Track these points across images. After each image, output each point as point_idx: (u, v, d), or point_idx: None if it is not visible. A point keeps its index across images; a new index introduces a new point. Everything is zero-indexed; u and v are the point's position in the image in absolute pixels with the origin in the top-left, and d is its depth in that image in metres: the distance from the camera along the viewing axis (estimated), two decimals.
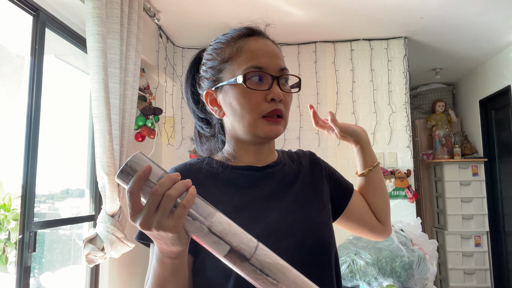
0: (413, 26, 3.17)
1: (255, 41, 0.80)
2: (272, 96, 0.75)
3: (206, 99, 0.83)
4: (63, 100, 2.50)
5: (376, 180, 1.02)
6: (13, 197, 2.30)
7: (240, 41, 0.79)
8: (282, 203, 0.79)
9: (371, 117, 3.41)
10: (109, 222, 2.08)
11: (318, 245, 0.77)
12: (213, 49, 0.83)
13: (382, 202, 1.00)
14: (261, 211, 0.76)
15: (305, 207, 0.81)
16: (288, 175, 0.85)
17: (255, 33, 0.81)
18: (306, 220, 0.78)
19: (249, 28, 0.82)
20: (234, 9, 2.85)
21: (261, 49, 0.78)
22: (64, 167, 2.48)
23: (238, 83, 0.76)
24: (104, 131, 1.97)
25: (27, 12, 1.94)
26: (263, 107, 0.76)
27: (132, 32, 2.29)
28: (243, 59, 0.77)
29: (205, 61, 0.84)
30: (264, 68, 0.76)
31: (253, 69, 0.76)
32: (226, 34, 0.83)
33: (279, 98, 0.75)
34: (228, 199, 0.76)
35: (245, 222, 0.63)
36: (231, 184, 0.79)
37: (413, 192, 3.32)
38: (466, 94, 4.60)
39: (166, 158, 3.52)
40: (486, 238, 4.01)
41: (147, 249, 0.77)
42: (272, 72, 0.77)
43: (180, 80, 3.57)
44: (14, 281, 1.81)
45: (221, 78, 0.79)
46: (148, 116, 2.76)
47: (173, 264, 0.61)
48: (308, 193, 0.84)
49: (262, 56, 0.77)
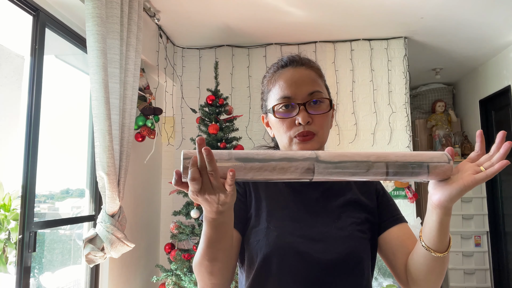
0: (413, 26, 3.17)
1: (287, 71, 0.92)
2: (299, 121, 0.87)
3: (263, 120, 0.99)
4: (63, 100, 2.50)
5: (439, 265, 0.81)
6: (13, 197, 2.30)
7: (277, 73, 0.94)
8: (321, 211, 0.90)
9: (371, 117, 3.41)
10: (109, 222, 2.08)
11: (347, 255, 0.85)
12: (264, 78, 0.99)
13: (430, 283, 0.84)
14: (299, 214, 0.89)
15: (342, 219, 0.89)
16: (333, 187, 0.94)
17: (289, 63, 0.94)
18: (339, 230, 0.87)
19: (285, 60, 0.95)
20: (234, 9, 2.85)
21: (291, 79, 0.90)
22: (64, 167, 2.48)
23: (270, 112, 0.91)
24: (104, 131, 1.97)
25: (27, 12, 1.94)
26: (293, 130, 0.88)
27: (132, 32, 2.29)
28: (276, 90, 0.91)
29: (261, 89, 1.00)
30: (292, 97, 0.88)
31: (282, 99, 0.89)
32: (272, 65, 0.98)
33: (304, 122, 0.86)
34: (273, 198, 0.92)
35: (283, 219, 0.79)
36: (279, 187, 0.94)
37: (413, 192, 3.32)
38: (466, 94, 4.60)
39: (166, 158, 3.52)
40: (486, 238, 4.01)
41: (147, 249, 0.78)
42: (299, 98, 0.88)
43: (180, 80, 3.57)
44: (14, 281, 1.81)
45: (266, 106, 0.96)
46: (148, 116, 2.75)
47: (223, 218, 0.72)
48: (350, 207, 0.92)
49: (290, 86, 0.89)
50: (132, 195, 2.82)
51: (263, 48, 3.54)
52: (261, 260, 0.85)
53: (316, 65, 0.95)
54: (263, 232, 0.86)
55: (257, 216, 0.90)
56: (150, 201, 3.23)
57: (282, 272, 0.83)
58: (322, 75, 0.96)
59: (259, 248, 0.85)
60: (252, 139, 3.43)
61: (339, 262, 0.84)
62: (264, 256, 0.84)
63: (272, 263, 0.84)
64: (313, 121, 0.87)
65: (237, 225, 0.88)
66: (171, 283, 2.54)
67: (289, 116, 0.88)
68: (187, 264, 2.52)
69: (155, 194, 3.37)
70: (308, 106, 0.88)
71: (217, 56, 3.55)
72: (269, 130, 0.98)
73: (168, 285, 2.56)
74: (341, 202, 0.92)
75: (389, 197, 0.99)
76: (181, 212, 2.67)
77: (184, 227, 2.60)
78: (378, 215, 0.94)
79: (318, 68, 0.95)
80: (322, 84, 0.93)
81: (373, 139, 3.38)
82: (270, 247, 0.84)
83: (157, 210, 3.38)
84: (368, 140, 3.38)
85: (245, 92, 3.51)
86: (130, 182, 2.71)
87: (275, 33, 3.33)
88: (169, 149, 3.51)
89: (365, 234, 0.89)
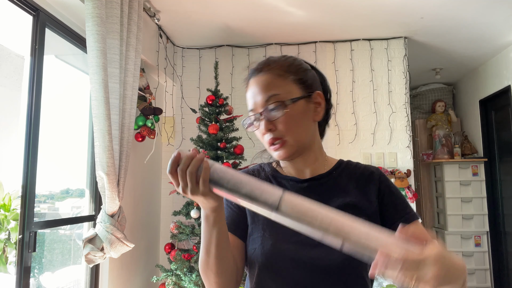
0: (413, 26, 3.17)
1: (250, 83, 0.92)
2: (261, 132, 0.87)
3: None
4: (63, 100, 2.50)
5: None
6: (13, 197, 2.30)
7: (246, 87, 0.95)
8: None
9: (371, 117, 3.41)
10: (108, 222, 2.08)
11: (343, 260, 0.82)
12: None
13: None
14: None
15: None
16: (331, 189, 0.92)
17: (251, 74, 0.93)
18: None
19: (250, 71, 0.94)
20: (234, 9, 2.85)
21: (251, 92, 0.90)
22: (64, 167, 2.48)
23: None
24: (103, 131, 1.97)
25: (27, 12, 1.94)
26: (264, 140, 0.89)
27: (132, 32, 2.29)
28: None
29: None
30: (254, 109, 0.89)
31: (250, 113, 0.90)
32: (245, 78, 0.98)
33: (265, 132, 0.86)
34: None
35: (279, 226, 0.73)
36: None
37: (413, 192, 3.32)
38: (466, 94, 4.59)
39: (166, 158, 3.52)
40: (486, 238, 4.01)
41: (147, 249, 0.79)
42: (259, 108, 0.87)
43: (180, 80, 3.57)
44: (14, 281, 1.81)
45: None
46: (148, 116, 2.75)
47: (213, 216, 0.77)
48: (349, 211, 0.85)
49: (250, 99, 0.90)
50: (132, 195, 2.82)
51: (263, 48, 3.54)
52: (258, 268, 0.86)
53: (278, 64, 0.90)
54: (259, 240, 0.87)
55: (253, 223, 0.90)
56: (150, 201, 3.23)
57: (279, 280, 0.84)
58: (285, 72, 0.88)
59: (256, 257, 0.86)
60: (252, 139, 3.43)
61: (335, 268, 0.82)
62: (260, 265, 0.86)
63: (269, 271, 0.85)
64: (276, 126, 0.86)
65: (236, 231, 0.90)
66: (171, 283, 2.54)
67: (255, 129, 0.89)
68: (187, 264, 2.52)
69: (155, 194, 3.37)
70: (268, 114, 0.85)
71: (217, 56, 3.55)
72: None
73: (168, 285, 2.56)
74: (339, 205, 0.88)
75: (397, 194, 0.92)
76: (181, 212, 2.68)
77: (184, 227, 2.60)
78: (386, 217, 0.89)
79: (280, 66, 0.89)
80: (283, 83, 0.87)
81: (373, 139, 3.38)
82: (265, 256, 0.85)
83: (157, 210, 3.38)
84: (368, 140, 3.38)
85: (245, 92, 3.51)
86: (130, 182, 2.71)
87: (275, 33, 3.33)
88: (169, 149, 3.51)
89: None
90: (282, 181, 0.94)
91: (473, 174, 4.11)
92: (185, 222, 2.74)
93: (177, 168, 0.72)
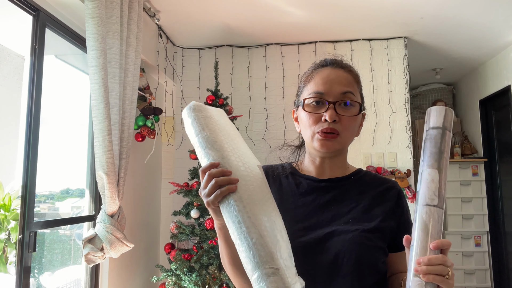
0: (413, 26, 3.17)
1: (325, 70, 0.94)
2: (325, 118, 0.88)
3: (293, 114, 1.02)
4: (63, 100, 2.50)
5: None
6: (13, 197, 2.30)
7: (315, 71, 0.96)
8: (328, 214, 0.90)
9: (371, 117, 3.41)
10: (108, 222, 2.08)
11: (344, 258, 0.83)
12: (303, 75, 1.01)
13: None
14: (306, 215, 0.90)
15: (350, 225, 0.88)
16: (347, 192, 0.94)
17: (329, 64, 0.96)
18: (343, 234, 0.86)
19: (327, 60, 0.98)
20: (234, 9, 2.85)
21: (326, 77, 0.92)
22: (64, 167, 2.48)
23: (301, 105, 0.93)
24: (103, 131, 1.97)
25: (27, 12, 1.94)
26: (318, 125, 0.89)
27: (132, 32, 2.29)
28: (311, 86, 0.93)
29: (298, 84, 1.03)
30: (324, 94, 0.90)
31: (314, 94, 0.91)
32: (313, 63, 1.01)
33: (331, 119, 0.87)
34: (284, 200, 0.94)
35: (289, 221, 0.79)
36: (294, 186, 0.97)
37: (413, 192, 3.32)
38: (466, 94, 4.59)
39: (166, 158, 3.52)
40: (486, 238, 4.01)
41: (147, 249, 0.80)
42: (331, 97, 0.89)
43: (180, 80, 3.57)
44: (14, 281, 1.81)
45: (299, 100, 0.98)
46: (148, 116, 2.75)
47: (222, 233, 0.83)
48: (359, 215, 0.90)
49: (325, 83, 0.91)
50: (131, 195, 2.82)
51: (263, 48, 3.54)
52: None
53: (356, 72, 0.98)
54: None
55: None
56: (150, 201, 3.23)
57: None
58: (359, 82, 0.97)
59: None
60: (252, 139, 3.43)
61: (334, 265, 0.83)
62: None
63: None
64: (340, 120, 0.89)
65: None
66: (171, 283, 2.54)
67: (317, 112, 0.90)
68: (187, 264, 2.52)
69: (155, 194, 3.37)
70: (338, 106, 0.89)
71: (217, 56, 3.55)
72: (296, 125, 1.00)
73: (168, 285, 2.56)
74: (351, 209, 0.90)
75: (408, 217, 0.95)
76: (181, 212, 2.67)
77: (184, 227, 2.60)
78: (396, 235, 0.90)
79: (357, 75, 0.97)
80: (357, 89, 0.94)
81: (373, 139, 3.38)
82: None
83: (157, 210, 3.38)
84: (368, 140, 3.38)
85: (245, 92, 3.51)
86: (130, 182, 2.71)
87: (275, 33, 3.33)
88: (169, 149, 3.51)
89: (371, 241, 0.86)
90: (299, 179, 0.97)
91: (473, 174, 4.11)
92: (185, 222, 2.74)
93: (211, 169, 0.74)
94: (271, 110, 3.47)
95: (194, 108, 0.81)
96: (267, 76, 3.51)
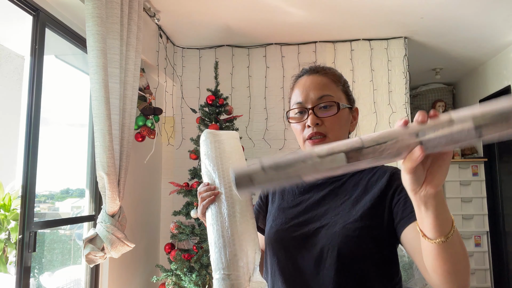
0: (413, 26, 3.17)
1: (302, 79, 1.00)
2: (307, 123, 0.93)
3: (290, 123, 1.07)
4: (63, 100, 2.50)
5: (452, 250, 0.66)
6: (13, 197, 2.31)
7: (295, 82, 1.02)
8: (322, 209, 0.94)
9: (371, 117, 3.41)
10: (109, 222, 2.08)
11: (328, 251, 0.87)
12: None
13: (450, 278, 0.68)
14: (301, 212, 0.96)
15: (339, 217, 0.90)
16: (341, 186, 0.97)
17: (305, 72, 1.01)
18: (331, 227, 0.89)
19: (303, 69, 1.04)
20: (234, 9, 2.85)
21: (303, 86, 0.98)
22: (64, 167, 2.48)
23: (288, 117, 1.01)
24: (104, 131, 1.97)
25: (27, 12, 1.94)
26: (305, 132, 0.95)
27: (132, 32, 2.29)
28: (293, 97, 1.00)
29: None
30: (303, 102, 0.96)
31: (295, 105, 0.97)
32: (293, 75, 1.06)
33: (312, 124, 0.92)
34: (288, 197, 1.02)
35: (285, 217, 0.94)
36: (294, 186, 1.02)
37: None
38: (466, 94, 4.60)
39: (166, 158, 3.52)
40: (486, 238, 4.01)
41: (147, 249, 0.81)
42: (309, 103, 0.95)
43: (180, 80, 3.57)
44: (14, 281, 1.81)
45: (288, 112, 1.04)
46: (148, 116, 2.75)
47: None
48: (349, 206, 0.91)
49: (302, 92, 0.97)
50: (132, 195, 2.82)
51: (263, 48, 3.54)
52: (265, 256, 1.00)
53: (332, 72, 1.01)
54: (267, 232, 0.99)
55: (269, 216, 1.03)
56: (150, 201, 3.23)
57: (274, 268, 0.95)
58: (338, 80, 1.00)
59: (265, 246, 1.00)
60: (252, 139, 3.43)
61: (320, 258, 0.87)
62: (266, 254, 0.99)
63: (268, 259, 0.98)
64: (323, 123, 0.93)
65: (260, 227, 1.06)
66: (171, 283, 2.54)
67: (301, 120, 0.96)
68: (187, 264, 2.52)
69: (155, 194, 3.37)
70: (318, 110, 0.94)
71: (217, 56, 3.55)
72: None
73: (168, 285, 2.56)
74: (344, 202, 0.92)
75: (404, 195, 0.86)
76: (181, 212, 2.67)
77: (184, 227, 2.60)
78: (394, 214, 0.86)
79: (334, 74, 1.00)
80: (336, 89, 0.98)
81: None
82: (267, 245, 0.97)
83: (157, 210, 3.38)
84: None
85: (245, 92, 3.51)
86: (130, 182, 2.71)
87: (275, 33, 3.33)
88: (169, 149, 3.51)
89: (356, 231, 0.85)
90: None
91: (473, 174, 4.11)
92: (185, 222, 2.74)
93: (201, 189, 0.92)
94: (271, 110, 3.47)
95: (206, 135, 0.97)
96: (267, 76, 3.51)
